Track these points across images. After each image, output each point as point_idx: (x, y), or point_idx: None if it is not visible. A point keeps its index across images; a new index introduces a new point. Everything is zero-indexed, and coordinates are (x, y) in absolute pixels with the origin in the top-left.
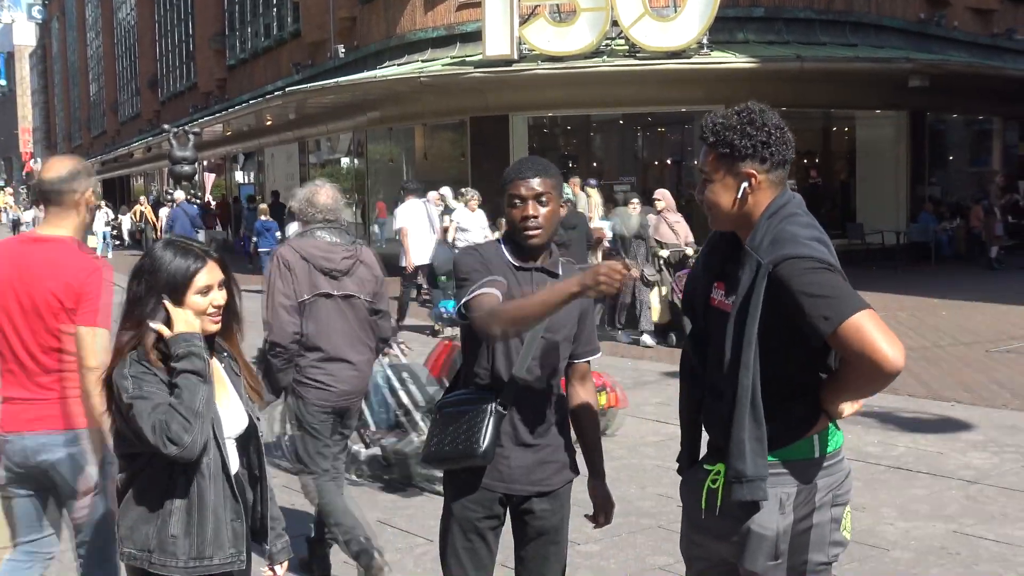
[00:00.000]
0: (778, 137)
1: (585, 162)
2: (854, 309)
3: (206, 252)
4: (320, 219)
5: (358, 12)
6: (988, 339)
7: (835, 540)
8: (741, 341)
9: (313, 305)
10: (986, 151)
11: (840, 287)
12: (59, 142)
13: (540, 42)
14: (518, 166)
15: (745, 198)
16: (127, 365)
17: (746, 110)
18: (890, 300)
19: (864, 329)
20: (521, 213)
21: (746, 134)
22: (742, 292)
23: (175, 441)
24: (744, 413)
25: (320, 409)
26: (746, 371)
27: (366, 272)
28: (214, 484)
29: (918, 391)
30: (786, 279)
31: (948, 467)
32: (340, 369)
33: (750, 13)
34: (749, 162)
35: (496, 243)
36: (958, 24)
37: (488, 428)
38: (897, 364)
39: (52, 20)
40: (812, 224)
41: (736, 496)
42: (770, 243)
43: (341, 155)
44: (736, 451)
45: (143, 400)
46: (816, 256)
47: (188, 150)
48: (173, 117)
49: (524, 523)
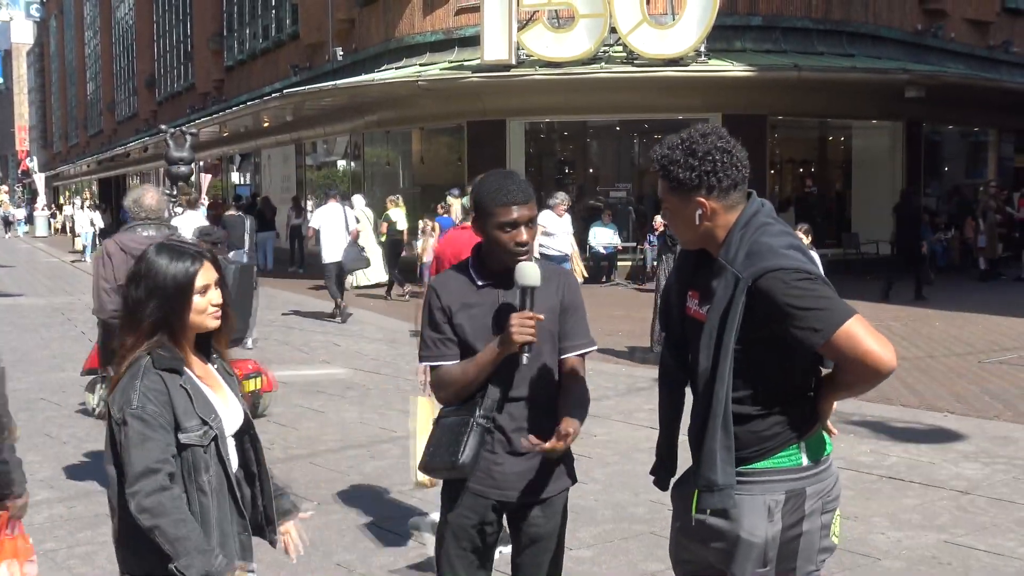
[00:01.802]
0: (724, 162)
1: (581, 168)
2: (843, 318)
3: (200, 253)
4: (143, 217)
5: (357, 15)
6: (981, 350)
7: (824, 547)
8: (718, 354)
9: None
10: (982, 163)
11: (825, 296)
12: (55, 141)
13: (538, 47)
14: (506, 188)
15: (703, 223)
16: (140, 375)
17: (688, 139)
18: (884, 310)
19: (856, 336)
20: (515, 239)
21: (688, 166)
22: (719, 305)
23: (146, 509)
24: (716, 423)
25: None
26: (721, 383)
27: None
28: (217, 500)
29: (911, 401)
30: (770, 292)
31: (940, 477)
32: None
33: (748, 22)
34: (696, 192)
35: (464, 263)
36: (955, 35)
37: (468, 440)
38: (891, 364)
39: (50, 19)
40: (786, 231)
41: (706, 504)
42: (746, 256)
43: (338, 157)
44: (707, 460)
45: (144, 434)
46: (796, 267)
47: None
48: (170, 117)
49: (519, 530)
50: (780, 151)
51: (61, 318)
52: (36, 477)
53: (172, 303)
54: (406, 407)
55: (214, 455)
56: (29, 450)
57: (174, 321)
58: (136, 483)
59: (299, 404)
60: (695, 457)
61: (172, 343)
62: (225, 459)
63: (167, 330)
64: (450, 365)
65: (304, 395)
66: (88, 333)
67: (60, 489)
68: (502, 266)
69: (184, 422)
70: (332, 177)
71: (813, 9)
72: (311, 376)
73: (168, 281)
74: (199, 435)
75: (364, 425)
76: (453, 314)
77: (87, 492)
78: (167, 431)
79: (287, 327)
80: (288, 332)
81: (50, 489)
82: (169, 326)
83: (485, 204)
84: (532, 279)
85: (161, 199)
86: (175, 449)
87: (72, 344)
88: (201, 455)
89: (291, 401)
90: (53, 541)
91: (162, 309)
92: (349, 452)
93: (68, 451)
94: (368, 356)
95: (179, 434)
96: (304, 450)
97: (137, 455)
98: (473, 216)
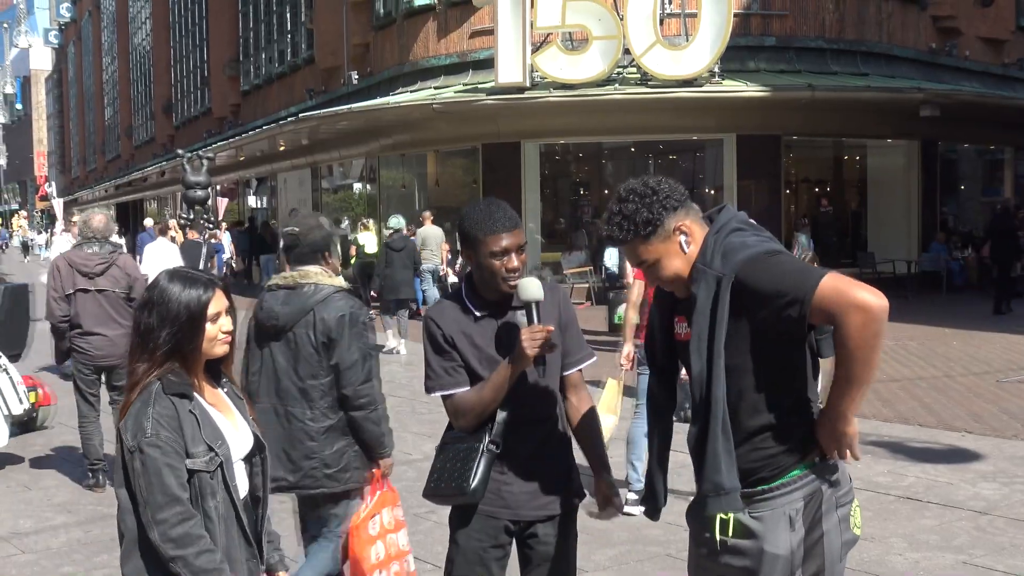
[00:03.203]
0: (666, 186)
1: (596, 189)
2: (819, 276)
3: (212, 281)
4: (90, 236)
5: (372, 39)
6: (999, 369)
7: (846, 540)
8: (711, 356)
9: (75, 297)
10: (998, 181)
11: (796, 265)
12: (73, 166)
13: (552, 70)
14: (492, 218)
15: (689, 248)
16: (151, 401)
17: (627, 193)
18: (901, 329)
19: (837, 288)
20: (506, 266)
21: (646, 204)
22: (703, 309)
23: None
24: (716, 426)
25: (84, 366)
26: (717, 383)
27: (119, 272)
28: (225, 526)
29: (928, 421)
30: (748, 280)
31: (958, 498)
32: (95, 340)
33: (762, 42)
34: (668, 220)
35: (458, 293)
36: (969, 54)
37: (479, 467)
38: (882, 302)
39: (69, 45)
40: (757, 233)
41: (714, 509)
42: (722, 256)
43: (353, 181)
44: (712, 464)
45: (162, 461)
46: (766, 249)
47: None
48: (187, 142)
49: (530, 548)
50: (795, 171)
51: None
52: (53, 501)
53: (184, 332)
54: (422, 429)
55: (220, 481)
56: (46, 475)
57: (186, 349)
58: (161, 511)
59: None
60: (697, 465)
61: (183, 369)
62: (231, 486)
63: (179, 357)
64: (464, 392)
65: None
66: None
67: (77, 513)
68: (497, 294)
69: (191, 448)
70: (348, 201)
71: (827, 29)
72: None
73: (181, 309)
74: (205, 461)
75: None
76: (455, 343)
77: (103, 516)
78: (181, 456)
79: None
80: None
81: (67, 513)
82: (181, 354)
83: (474, 234)
84: (536, 293)
85: (108, 221)
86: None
87: None
88: (208, 481)
89: None
90: (71, 565)
91: (174, 338)
92: None
93: (85, 475)
94: (384, 378)
95: (186, 460)
96: None
97: (158, 483)
98: (462, 247)
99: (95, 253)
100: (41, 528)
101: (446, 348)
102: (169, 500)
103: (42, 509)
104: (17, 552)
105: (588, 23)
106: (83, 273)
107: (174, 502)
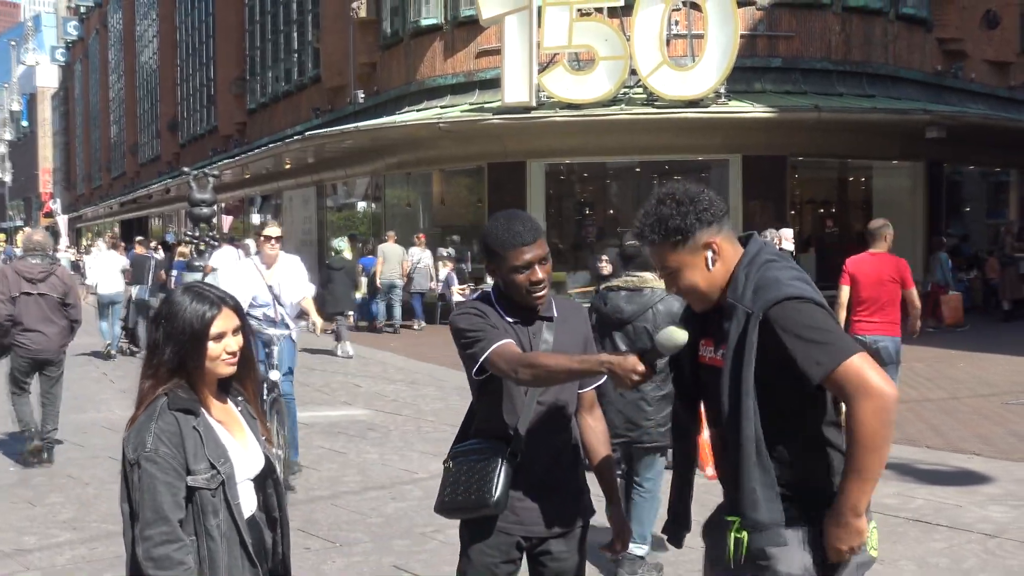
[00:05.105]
0: (706, 198)
1: (601, 209)
2: (846, 353)
3: (221, 299)
4: (32, 249)
5: (378, 58)
6: (1005, 391)
7: (861, 562)
8: (739, 391)
9: (19, 299)
10: (1003, 203)
11: (831, 328)
12: (79, 183)
13: (559, 90)
14: (514, 231)
15: (715, 266)
16: (155, 416)
17: (666, 196)
18: (907, 351)
19: (861, 371)
20: (530, 278)
21: (682, 213)
22: (732, 343)
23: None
24: (751, 462)
25: (23, 359)
26: (748, 421)
27: (57, 281)
28: (227, 545)
29: (936, 443)
30: (777, 322)
31: (967, 520)
32: (34, 336)
33: (768, 63)
34: (700, 234)
35: (488, 297)
36: (975, 76)
37: (500, 478)
38: (895, 392)
39: (75, 63)
40: (790, 266)
41: (757, 545)
42: (753, 291)
43: (358, 199)
44: (748, 501)
45: (156, 477)
46: (802, 295)
47: (207, 192)
48: (193, 160)
49: (542, 565)
50: (800, 192)
51: (82, 359)
52: (58, 519)
53: (187, 349)
54: (427, 448)
55: (222, 499)
56: (51, 491)
57: (190, 366)
58: (148, 528)
59: (320, 445)
60: (730, 498)
61: (190, 386)
62: (233, 504)
63: (183, 374)
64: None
65: (325, 436)
66: (110, 375)
67: (82, 530)
68: (524, 304)
69: (192, 465)
70: (352, 219)
71: (833, 50)
72: (332, 417)
73: (184, 326)
74: (206, 478)
75: (385, 467)
76: (495, 326)
77: (108, 533)
78: (179, 474)
79: (307, 368)
80: (308, 373)
81: (72, 531)
82: (186, 371)
83: (496, 249)
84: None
85: (47, 237)
86: (186, 492)
87: (93, 385)
88: (209, 499)
89: (312, 442)
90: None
91: (178, 355)
92: (370, 494)
93: (90, 492)
94: (388, 397)
95: (187, 477)
96: (325, 491)
97: (151, 500)
98: (486, 262)
99: (38, 264)
100: (45, 545)
101: (489, 320)
102: (157, 519)
103: (47, 526)
104: (22, 569)
105: (595, 43)
106: (27, 279)
107: (161, 521)
